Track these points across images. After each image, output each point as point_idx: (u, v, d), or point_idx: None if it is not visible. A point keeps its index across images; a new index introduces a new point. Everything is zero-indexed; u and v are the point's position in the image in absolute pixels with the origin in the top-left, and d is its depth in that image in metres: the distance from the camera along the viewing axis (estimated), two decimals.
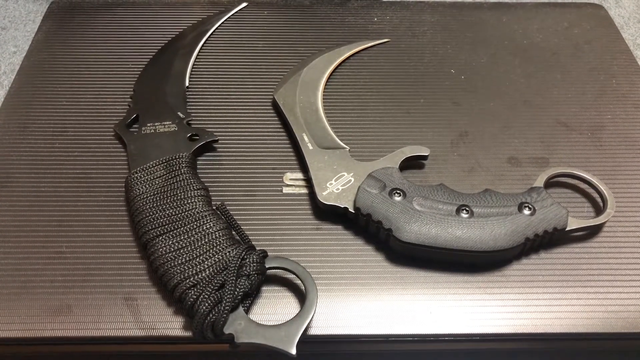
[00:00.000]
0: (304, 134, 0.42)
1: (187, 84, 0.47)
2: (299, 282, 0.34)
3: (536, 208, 0.36)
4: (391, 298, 0.35)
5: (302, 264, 0.34)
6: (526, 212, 0.35)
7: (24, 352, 0.35)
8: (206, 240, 0.34)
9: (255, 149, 0.43)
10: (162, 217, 0.35)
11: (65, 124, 0.44)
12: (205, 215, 0.35)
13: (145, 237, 0.35)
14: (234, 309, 0.32)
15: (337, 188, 0.38)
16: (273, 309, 0.34)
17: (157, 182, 0.37)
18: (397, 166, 0.39)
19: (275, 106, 0.45)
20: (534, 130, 0.44)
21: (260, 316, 0.34)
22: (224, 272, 0.32)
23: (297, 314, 0.32)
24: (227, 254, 0.33)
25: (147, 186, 0.37)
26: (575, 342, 0.35)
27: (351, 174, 0.38)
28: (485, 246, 0.34)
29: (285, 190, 0.40)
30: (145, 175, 0.38)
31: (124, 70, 0.48)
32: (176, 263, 0.33)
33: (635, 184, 0.41)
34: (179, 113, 0.43)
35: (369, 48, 0.51)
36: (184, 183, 0.37)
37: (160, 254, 0.34)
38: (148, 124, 0.42)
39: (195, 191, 0.36)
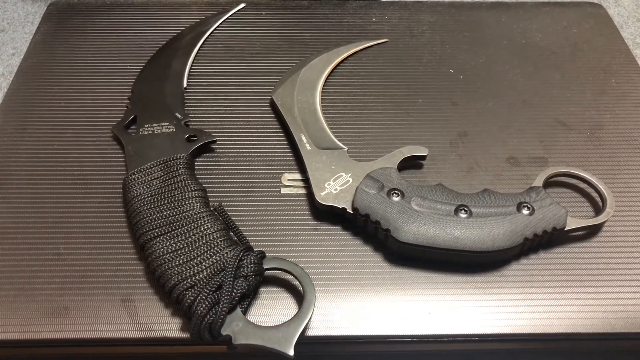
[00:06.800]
0: (302, 134, 0.42)
1: (185, 85, 0.47)
2: (297, 283, 0.34)
3: (535, 208, 0.35)
4: (389, 299, 0.35)
5: (300, 265, 0.34)
6: (525, 212, 0.35)
7: (21, 354, 0.35)
8: (204, 241, 0.34)
9: (253, 149, 0.42)
10: (160, 218, 0.35)
11: (63, 125, 0.44)
12: (203, 216, 0.35)
13: (142, 238, 0.35)
14: (231, 310, 0.32)
15: (335, 188, 0.38)
16: (271, 310, 0.34)
17: (154, 184, 0.37)
18: (396, 166, 0.39)
19: (274, 106, 0.45)
20: (533, 130, 0.44)
21: (258, 317, 0.33)
22: (222, 273, 0.32)
23: (295, 315, 0.32)
24: (225, 255, 0.33)
25: (145, 187, 0.37)
26: (575, 342, 0.35)
27: (349, 175, 0.38)
28: (483, 246, 0.34)
29: (283, 190, 0.40)
30: (143, 176, 0.38)
31: (122, 72, 0.48)
32: (174, 264, 0.33)
33: (634, 184, 0.41)
34: (176, 114, 0.43)
35: (367, 48, 0.51)
36: (181, 184, 0.37)
37: (157, 255, 0.34)
38: (146, 125, 0.42)
39: (193, 192, 0.36)
